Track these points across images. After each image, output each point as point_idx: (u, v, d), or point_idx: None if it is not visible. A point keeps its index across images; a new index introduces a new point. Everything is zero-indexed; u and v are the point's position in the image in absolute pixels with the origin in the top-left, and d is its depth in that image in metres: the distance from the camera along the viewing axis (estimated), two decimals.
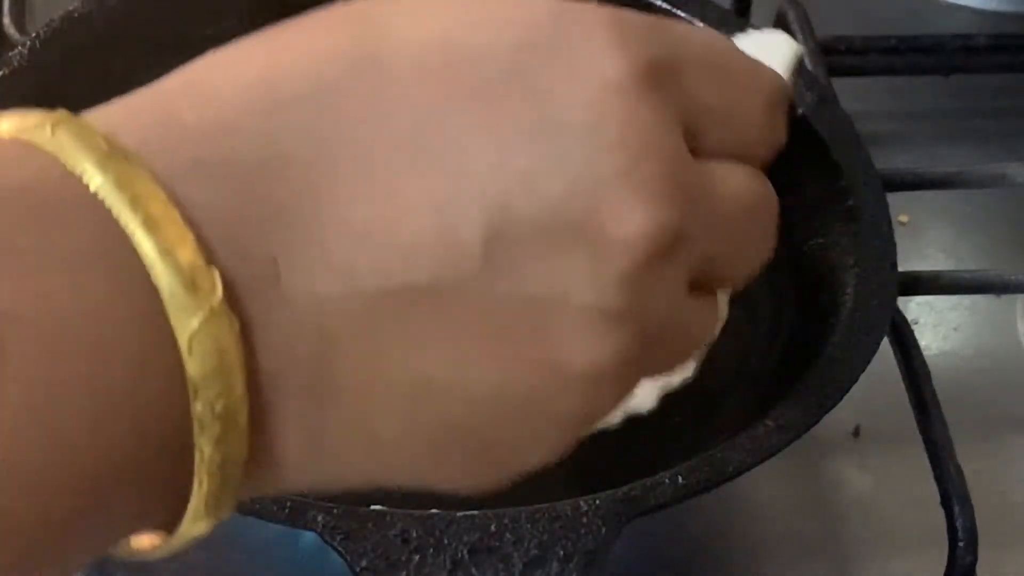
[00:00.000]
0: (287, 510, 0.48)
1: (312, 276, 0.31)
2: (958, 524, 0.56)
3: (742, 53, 0.38)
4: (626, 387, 0.35)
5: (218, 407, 0.30)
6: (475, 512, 0.50)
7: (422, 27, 0.34)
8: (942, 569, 0.56)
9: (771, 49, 0.55)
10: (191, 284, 0.30)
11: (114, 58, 0.65)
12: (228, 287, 0.30)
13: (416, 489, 0.35)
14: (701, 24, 0.70)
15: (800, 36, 0.74)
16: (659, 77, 0.34)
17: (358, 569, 0.47)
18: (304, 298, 0.31)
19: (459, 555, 0.48)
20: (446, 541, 0.48)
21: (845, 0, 0.87)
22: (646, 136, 0.33)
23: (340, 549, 0.48)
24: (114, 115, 0.32)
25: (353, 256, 0.32)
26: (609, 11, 0.34)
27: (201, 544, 0.35)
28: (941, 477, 0.57)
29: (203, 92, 0.32)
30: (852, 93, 0.73)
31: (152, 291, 0.30)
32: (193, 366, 0.30)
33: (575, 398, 0.34)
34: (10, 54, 0.63)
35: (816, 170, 0.65)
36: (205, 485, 0.31)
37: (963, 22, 0.87)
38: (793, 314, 0.62)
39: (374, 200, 0.32)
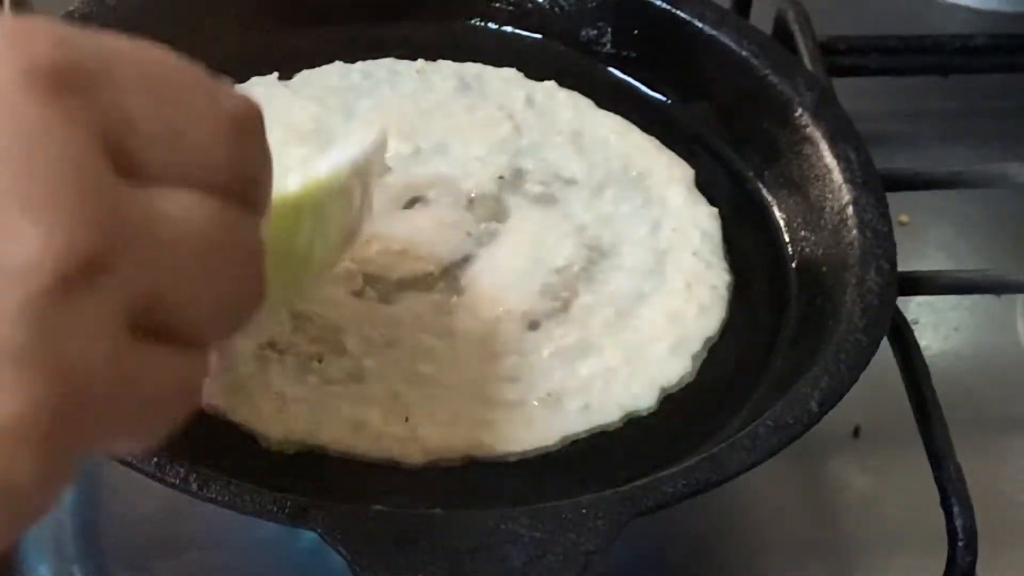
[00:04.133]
0: (287, 510, 0.48)
1: None
2: (958, 524, 0.56)
3: (202, 74, 0.34)
4: (59, 454, 0.29)
5: None
6: (475, 512, 0.50)
7: None
8: (942, 569, 0.56)
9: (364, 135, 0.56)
10: None
11: None
12: None
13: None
14: (701, 24, 0.70)
15: (800, 36, 0.74)
16: (68, 81, 0.30)
17: (358, 569, 0.47)
18: None
19: (459, 555, 0.48)
20: (446, 541, 0.48)
21: (845, 0, 0.87)
22: (43, 141, 0.28)
23: (340, 549, 0.48)
24: None
25: None
26: (16, 18, 0.30)
27: (201, 544, 0.35)
28: (941, 477, 0.57)
29: None
30: (852, 93, 0.72)
31: None
32: None
33: None
34: None
35: (816, 170, 0.65)
36: None
37: (963, 22, 0.87)
38: (793, 314, 0.62)
39: None
